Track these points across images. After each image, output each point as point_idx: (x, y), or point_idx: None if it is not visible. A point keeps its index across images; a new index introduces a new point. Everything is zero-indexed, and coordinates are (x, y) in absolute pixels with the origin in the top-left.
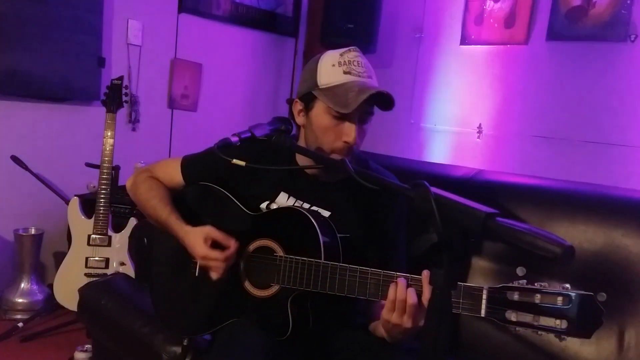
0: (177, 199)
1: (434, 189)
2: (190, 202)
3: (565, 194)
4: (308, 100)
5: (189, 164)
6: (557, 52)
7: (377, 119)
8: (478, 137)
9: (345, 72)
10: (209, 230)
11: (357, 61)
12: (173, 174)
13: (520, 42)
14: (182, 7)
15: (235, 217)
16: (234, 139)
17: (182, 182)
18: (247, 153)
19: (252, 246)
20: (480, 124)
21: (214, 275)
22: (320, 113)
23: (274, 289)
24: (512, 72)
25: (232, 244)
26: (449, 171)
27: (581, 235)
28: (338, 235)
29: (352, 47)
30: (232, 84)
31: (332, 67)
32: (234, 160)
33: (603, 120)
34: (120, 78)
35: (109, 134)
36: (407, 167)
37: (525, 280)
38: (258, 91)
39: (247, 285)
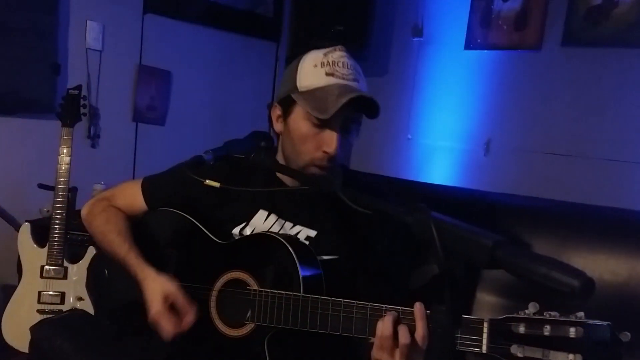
0: (138, 228)
1: (434, 214)
2: (152, 231)
3: (583, 218)
4: (287, 104)
5: (151, 186)
6: (574, 58)
7: (370, 134)
8: (485, 155)
9: (327, 74)
10: (172, 291)
11: (343, 62)
12: (133, 198)
13: (532, 47)
14: (148, 7)
15: (203, 247)
16: (207, 156)
17: (144, 207)
18: (222, 173)
19: (223, 279)
20: (487, 140)
21: (163, 336)
22: (298, 119)
23: (249, 327)
24: (523, 80)
25: (190, 316)
26: (452, 193)
27: (602, 266)
28: (324, 258)
29: (338, 46)
30: (204, 94)
31: (314, 68)
32: (207, 181)
33: (627, 135)
34: (78, 87)
35: (64, 151)
36: (404, 189)
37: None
38: (234, 102)
39: (218, 323)
